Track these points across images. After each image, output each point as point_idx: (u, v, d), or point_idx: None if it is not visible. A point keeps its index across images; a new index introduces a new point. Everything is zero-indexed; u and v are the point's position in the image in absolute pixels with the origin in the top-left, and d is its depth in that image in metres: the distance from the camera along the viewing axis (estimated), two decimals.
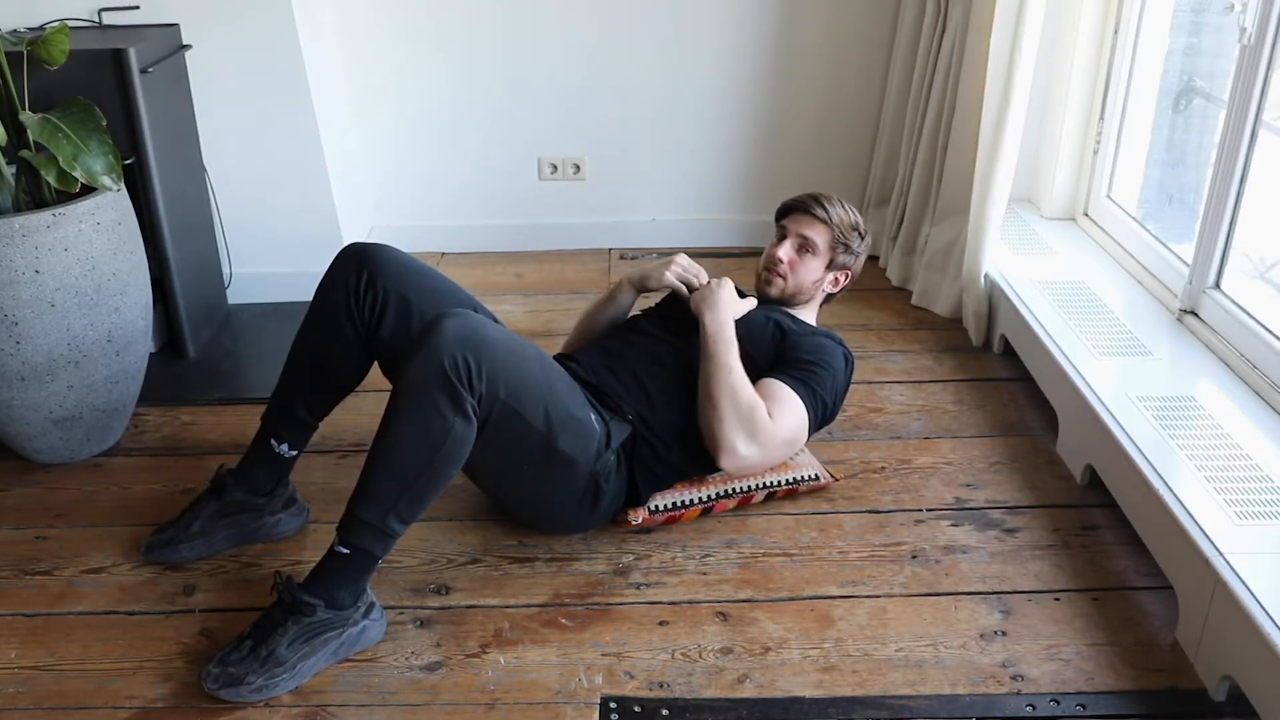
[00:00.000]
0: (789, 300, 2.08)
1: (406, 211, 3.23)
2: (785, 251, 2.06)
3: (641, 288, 2.06)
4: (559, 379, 1.75)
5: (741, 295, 2.02)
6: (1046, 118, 2.93)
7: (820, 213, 2.05)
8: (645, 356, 1.94)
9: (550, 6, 2.96)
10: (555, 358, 1.88)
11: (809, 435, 1.93)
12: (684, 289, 2.00)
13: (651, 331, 2.00)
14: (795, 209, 2.10)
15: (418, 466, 1.56)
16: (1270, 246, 2.45)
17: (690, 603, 1.77)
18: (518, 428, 1.65)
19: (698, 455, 1.91)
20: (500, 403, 1.60)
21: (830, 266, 2.07)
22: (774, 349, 1.96)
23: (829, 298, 2.14)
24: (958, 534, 1.94)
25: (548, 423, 1.68)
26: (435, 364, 1.54)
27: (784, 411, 1.86)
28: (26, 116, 1.92)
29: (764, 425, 1.82)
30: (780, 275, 2.06)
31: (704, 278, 2.01)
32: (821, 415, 1.93)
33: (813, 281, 2.07)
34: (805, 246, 2.05)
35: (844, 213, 2.07)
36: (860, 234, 2.09)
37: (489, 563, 1.87)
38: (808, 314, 2.11)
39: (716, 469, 1.96)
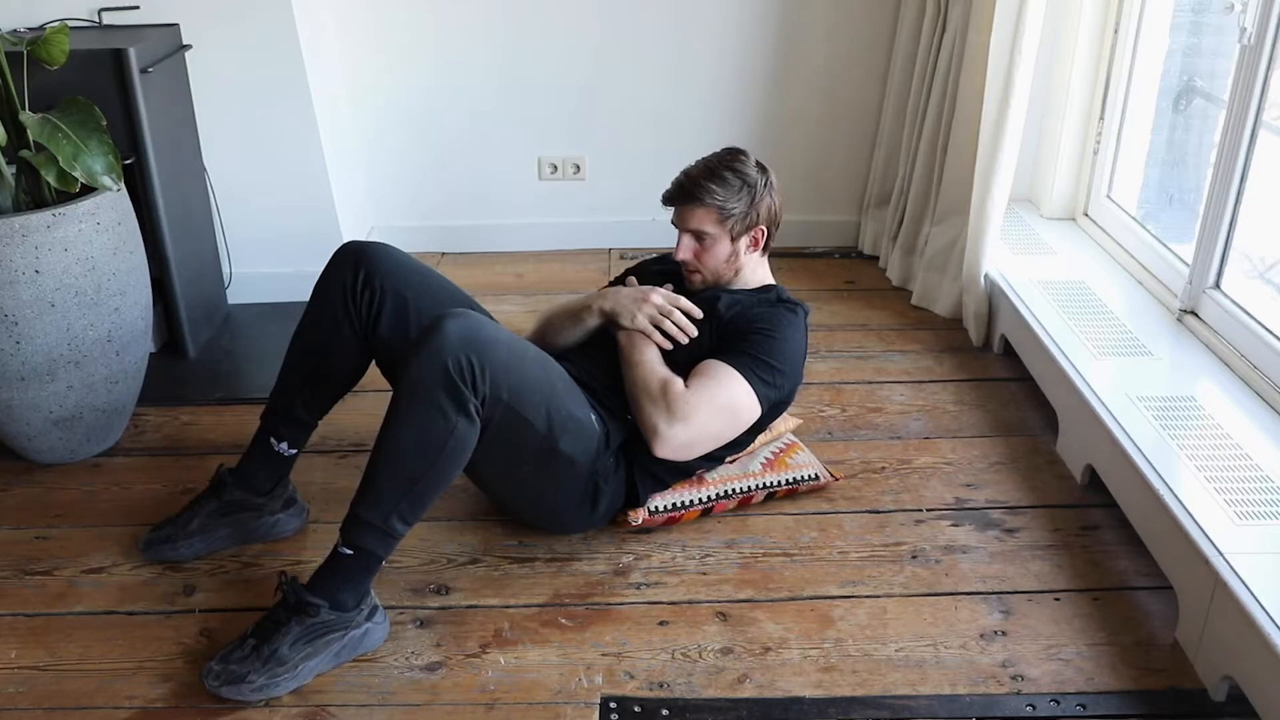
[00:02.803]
0: (719, 283, 1.99)
1: (406, 211, 3.23)
2: (685, 252, 1.94)
3: (612, 323, 1.93)
4: (559, 379, 1.75)
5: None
6: (1046, 118, 2.93)
7: (693, 203, 1.91)
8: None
9: (551, 7, 2.96)
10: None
11: (766, 402, 1.84)
12: (658, 335, 1.87)
13: None
14: (674, 201, 1.96)
15: (420, 467, 1.56)
16: (1270, 246, 2.45)
17: (690, 603, 1.77)
18: (519, 428, 1.65)
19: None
20: (502, 403, 1.60)
21: (736, 238, 1.93)
22: (714, 339, 1.89)
23: (764, 250, 2.01)
24: (958, 534, 1.94)
25: (549, 423, 1.68)
26: (438, 365, 1.54)
27: (705, 381, 1.79)
28: (26, 116, 1.92)
29: (680, 398, 1.76)
30: (694, 271, 1.98)
31: (677, 316, 1.88)
32: (774, 380, 1.83)
33: (726, 259, 1.95)
34: (699, 238, 1.93)
35: (720, 184, 1.89)
36: (748, 185, 1.90)
37: (489, 563, 1.88)
38: (750, 278, 2.01)
39: (714, 464, 1.97)
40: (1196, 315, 2.28)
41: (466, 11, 2.96)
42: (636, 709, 1.56)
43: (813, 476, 2.03)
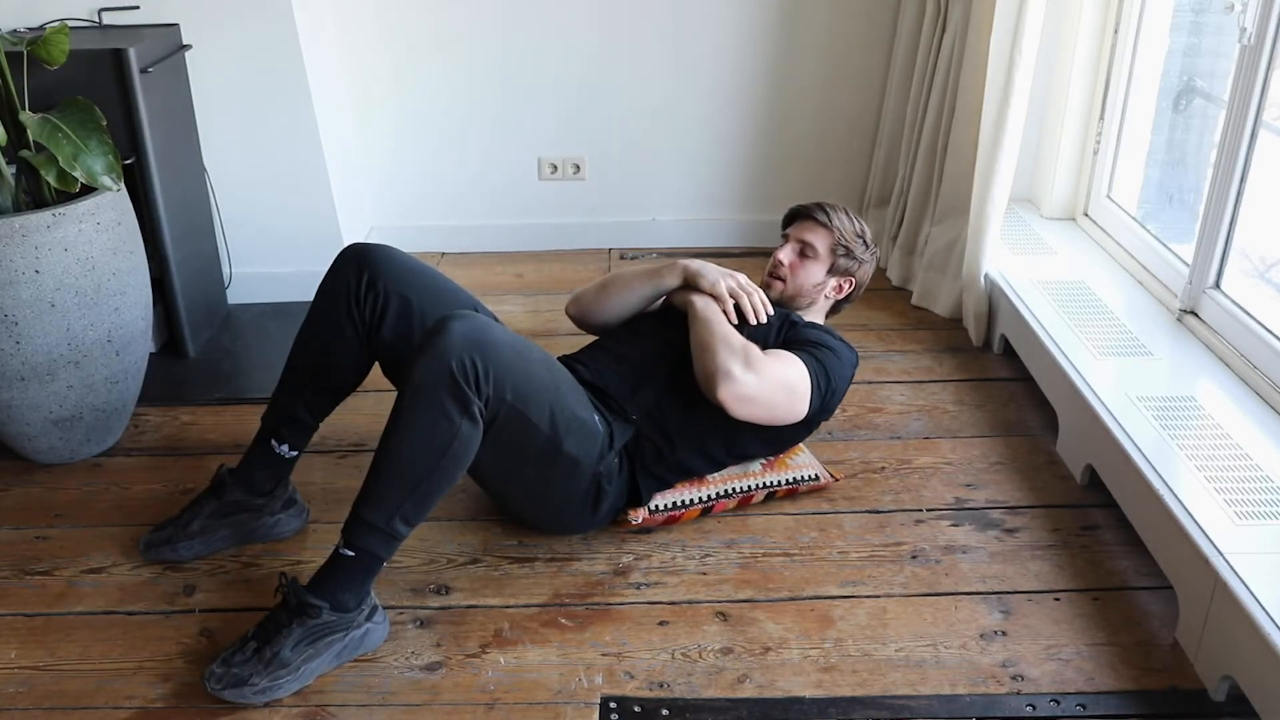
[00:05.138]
0: (789, 303, 2.07)
1: (406, 211, 3.23)
2: (786, 255, 2.06)
3: (692, 284, 1.96)
4: (564, 380, 1.75)
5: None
6: (1046, 118, 2.93)
7: (822, 217, 2.05)
8: (649, 356, 1.93)
9: (551, 7, 2.96)
10: (559, 359, 1.88)
11: (810, 405, 1.87)
12: (730, 307, 1.92)
13: (655, 332, 2.00)
14: (800, 215, 2.11)
15: (424, 469, 1.56)
16: (1270, 246, 2.45)
17: (690, 603, 1.77)
18: (523, 429, 1.65)
19: (700, 455, 1.91)
20: (506, 405, 1.60)
21: (831, 271, 2.06)
22: (777, 338, 1.95)
23: (837, 306, 2.14)
24: (958, 534, 1.94)
25: (553, 424, 1.68)
26: (442, 366, 1.54)
27: (779, 359, 1.85)
28: (26, 116, 1.92)
29: (759, 357, 1.81)
30: (780, 278, 2.06)
31: (755, 298, 1.94)
32: (825, 389, 1.88)
33: (814, 285, 2.06)
34: (805, 251, 2.05)
35: (848, 221, 2.07)
36: (865, 243, 2.08)
37: (489, 563, 1.88)
38: (813, 319, 2.09)
39: (718, 468, 1.97)
40: (1196, 315, 2.28)
41: (467, 12, 2.96)
42: (636, 709, 1.56)
43: (813, 477, 2.03)
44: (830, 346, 1.94)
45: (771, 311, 1.97)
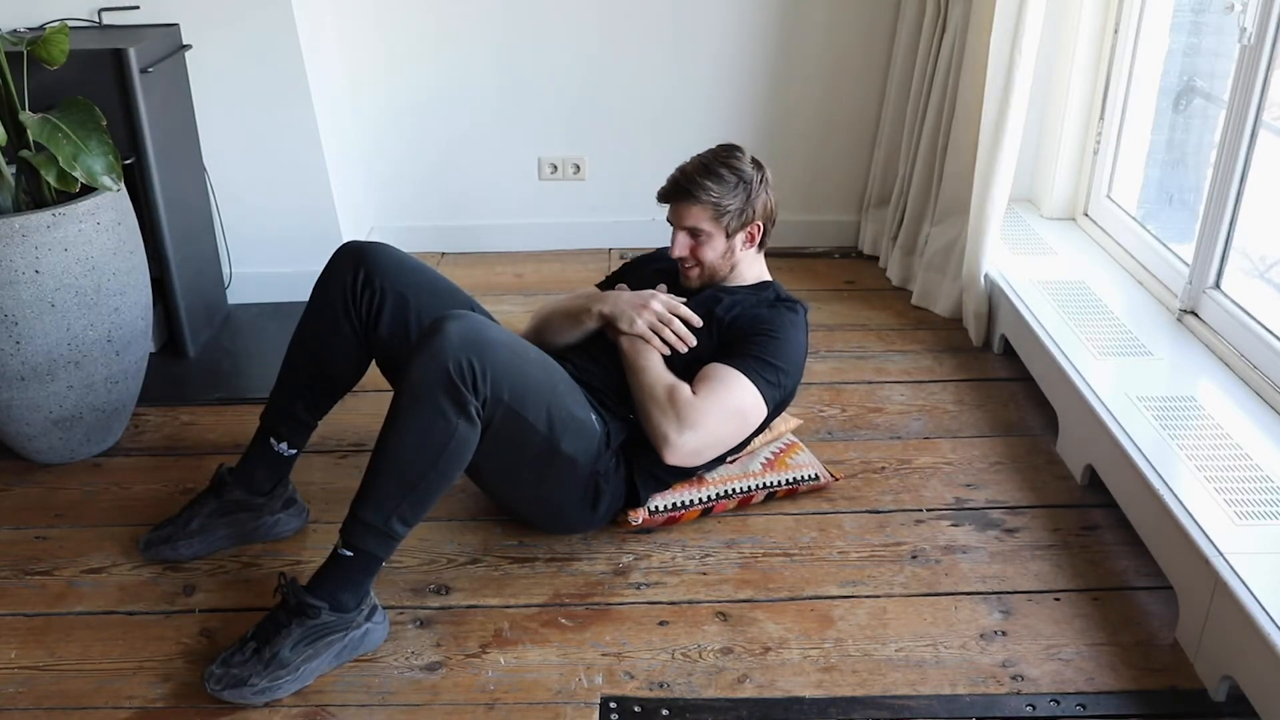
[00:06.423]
0: (714, 279, 1.99)
1: (406, 211, 3.23)
2: (680, 249, 1.94)
3: (611, 327, 1.92)
4: (560, 380, 1.75)
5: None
6: (1046, 118, 2.93)
7: (689, 198, 1.91)
8: (617, 359, 1.92)
9: (551, 6, 2.96)
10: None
11: (771, 403, 1.84)
12: (657, 341, 1.86)
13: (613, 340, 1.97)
14: (668, 199, 1.96)
15: (421, 469, 1.56)
16: (1270, 246, 2.45)
17: (690, 603, 1.77)
18: (521, 429, 1.65)
19: None
20: (504, 405, 1.60)
21: (730, 235, 1.93)
22: (715, 342, 1.89)
23: (760, 246, 2.01)
24: (958, 534, 1.94)
25: (550, 424, 1.68)
26: (439, 366, 1.54)
27: (712, 386, 1.80)
28: (26, 116, 1.92)
29: (689, 404, 1.76)
30: (690, 268, 1.98)
31: (677, 325, 1.87)
32: (778, 380, 1.84)
33: (723, 255, 1.95)
34: (694, 234, 1.93)
35: (714, 181, 1.89)
36: (744, 182, 1.91)
37: (489, 563, 1.88)
38: (747, 274, 2.00)
39: (717, 467, 1.97)
40: (1196, 315, 2.28)
41: (466, 11, 2.96)
42: (636, 709, 1.56)
43: (813, 476, 2.03)
44: (768, 330, 1.87)
45: (699, 323, 1.89)
